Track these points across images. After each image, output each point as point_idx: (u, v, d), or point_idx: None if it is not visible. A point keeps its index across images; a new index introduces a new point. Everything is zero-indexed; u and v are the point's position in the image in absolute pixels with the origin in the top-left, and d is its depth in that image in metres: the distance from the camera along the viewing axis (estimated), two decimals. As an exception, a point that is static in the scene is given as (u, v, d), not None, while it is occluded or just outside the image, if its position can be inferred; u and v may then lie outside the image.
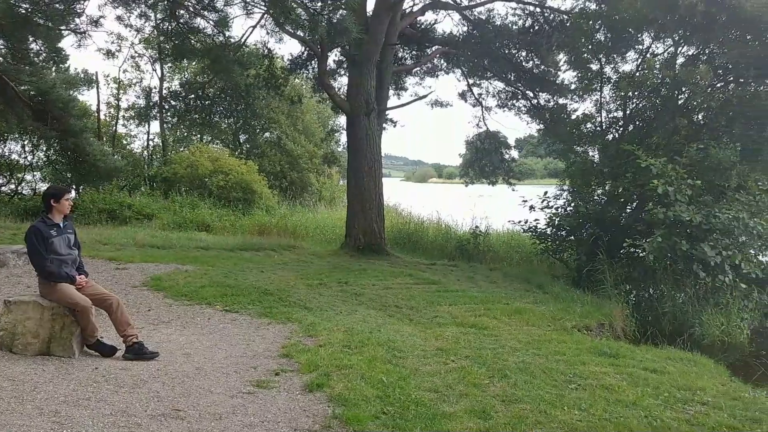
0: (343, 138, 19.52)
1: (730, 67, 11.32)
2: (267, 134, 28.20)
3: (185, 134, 27.66)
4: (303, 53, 16.55)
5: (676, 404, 5.13)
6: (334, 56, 16.96)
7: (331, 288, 9.74)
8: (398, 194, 26.16)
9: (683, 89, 11.25)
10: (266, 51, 15.47)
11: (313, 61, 16.20)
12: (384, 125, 16.54)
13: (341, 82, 17.14)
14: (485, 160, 19.15)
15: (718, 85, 11.75)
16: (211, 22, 12.66)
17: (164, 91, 22.28)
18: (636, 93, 12.09)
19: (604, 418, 4.66)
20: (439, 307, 8.82)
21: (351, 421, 4.31)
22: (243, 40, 14.80)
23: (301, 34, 12.89)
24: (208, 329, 6.87)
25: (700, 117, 11.81)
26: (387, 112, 16.39)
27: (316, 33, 11.78)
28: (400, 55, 17.32)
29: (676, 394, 5.39)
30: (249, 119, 22.70)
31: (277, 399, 4.73)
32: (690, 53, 12.13)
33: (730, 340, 9.68)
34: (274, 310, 7.74)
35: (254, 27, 14.68)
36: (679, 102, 11.38)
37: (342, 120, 17.91)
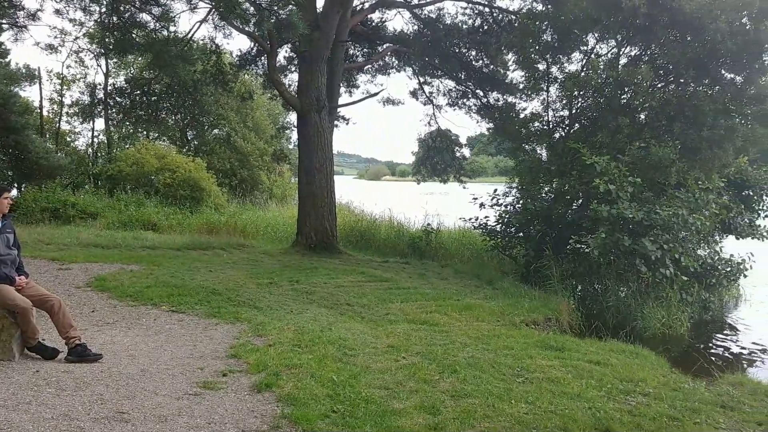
0: (295, 135, 19.32)
1: (671, 67, 11.68)
2: (216, 131, 27.71)
3: (131, 131, 26.92)
4: (252, 49, 16.33)
5: (618, 396, 5.28)
6: (284, 52, 16.82)
7: (282, 287, 9.65)
8: (351, 192, 26.12)
9: (626, 89, 11.56)
10: (214, 46, 15.18)
11: (262, 57, 16.00)
12: (336, 123, 16.47)
13: (292, 79, 16.99)
14: (437, 158, 19.31)
15: (659, 85, 12.13)
16: (153, 16, 12.31)
17: (109, 87, 21.60)
18: (581, 92, 12.38)
19: (550, 411, 4.76)
20: (391, 304, 8.86)
21: (300, 420, 4.28)
22: (190, 35, 14.50)
23: (250, 30, 12.69)
24: (153, 330, 6.72)
25: (642, 116, 12.15)
26: (338, 110, 16.33)
27: (263, 28, 11.62)
28: (351, 52, 17.28)
29: (619, 385, 5.55)
30: (197, 116, 22.22)
31: (224, 400, 4.65)
32: (632, 54, 12.48)
33: (670, 332, 10.03)
34: (222, 310, 7.62)
35: (202, 22, 14.41)
36: (622, 101, 11.69)
37: (293, 117, 17.70)
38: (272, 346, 6.10)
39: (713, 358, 8.66)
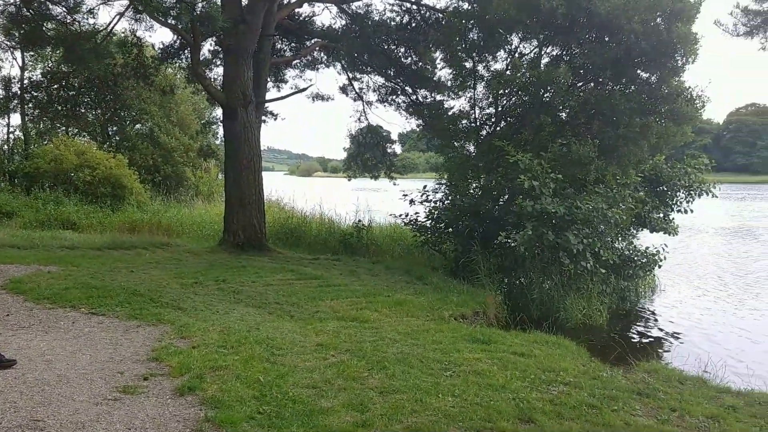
0: (221, 131, 18.86)
1: (590, 67, 12.12)
2: (138, 126, 26.68)
3: (49, 127, 25.54)
4: (175, 42, 15.82)
5: (541, 385, 5.44)
6: (209, 45, 16.36)
7: (208, 287, 9.42)
8: (281, 188, 25.79)
9: (548, 88, 11.92)
10: (135, 39, 14.60)
11: (186, 50, 15.52)
12: (264, 118, 16.19)
13: (218, 73, 16.57)
14: (368, 154, 19.32)
15: (579, 84, 12.57)
16: (65, 8, 11.69)
17: (25, 81, 20.41)
18: (506, 91, 12.67)
19: (476, 403, 4.85)
20: (321, 302, 8.81)
21: (224, 423, 4.19)
22: (110, 27, 13.88)
23: (171, 22, 12.28)
24: (72, 334, 6.44)
25: (563, 115, 12.56)
26: (266, 105, 16.06)
27: (183, 21, 11.26)
28: (278, 46, 17.04)
29: (542, 375, 5.72)
30: (118, 110, 21.34)
31: (145, 405, 4.50)
32: (554, 54, 12.88)
33: (590, 322, 10.44)
34: (144, 312, 7.37)
35: (122, 14, 13.79)
36: (545, 100, 12.05)
37: (220, 112, 17.28)
38: (196, 347, 5.96)
39: (630, 347, 9.06)
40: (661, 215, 13.36)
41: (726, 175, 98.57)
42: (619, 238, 12.39)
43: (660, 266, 12.96)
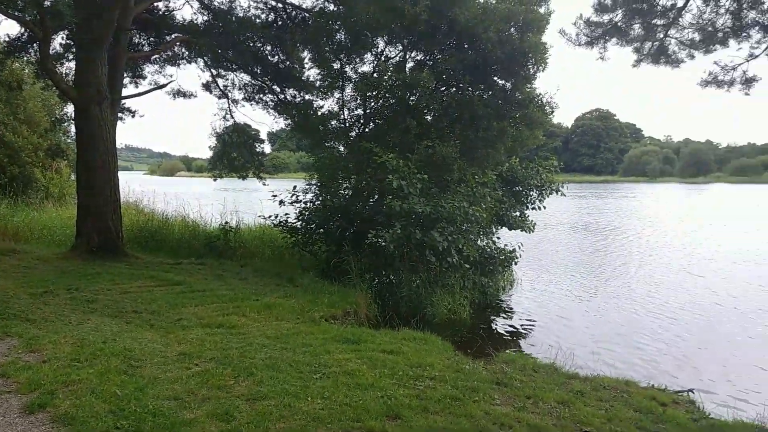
0: (74, 129, 17.46)
1: (452, 72, 12.64)
2: (-20, 123, 24.01)
3: None
4: (23, 34, 14.43)
5: (408, 381, 5.58)
6: (60, 39, 15.10)
7: (59, 296, 8.70)
8: (141, 189, 24.38)
9: (414, 91, 12.27)
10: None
11: (35, 44, 14.20)
12: (120, 115, 15.22)
13: (70, 67, 15.32)
14: (235, 153, 18.72)
15: (443, 88, 13.07)
16: None
17: None
18: (374, 93, 12.86)
19: (345, 404, 4.88)
20: (184, 309, 8.45)
21: (76, 443, 3.89)
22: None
23: (17, 14, 11.18)
24: None
25: (428, 118, 13.00)
26: (123, 102, 15.09)
27: (30, 13, 10.29)
28: (136, 41, 16.07)
29: (409, 372, 5.87)
30: (-43, 107, 19.07)
31: (-17, 430, 4.06)
32: (418, 58, 13.28)
33: (455, 317, 10.90)
34: (-15, 326, 6.65)
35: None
36: (411, 103, 12.39)
37: (71, 109, 16.00)
38: (47, 362, 5.54)
39: (491, 339, 9.57)
40: (518, 213, 14.27)
41: (574, 175, 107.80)
42: (482, 236, 13.04)
43: (516, 263, 13.82)
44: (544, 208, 14.69)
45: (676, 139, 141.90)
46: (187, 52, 16.61)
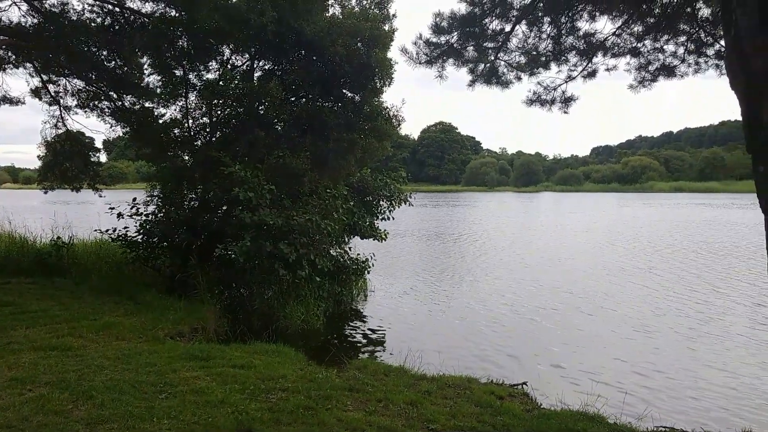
0: None
1: (301, 83, 12.67)
2: None
3: None
4: None
5: (260, 395, 5.50)
6: None
7: None
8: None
9: (262, 101, 12.13)
10: None
11: None
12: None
13: None
14: (67, 163, 17.24)
15: (292, 99, 13.05)
16: None
17: None
18: (220, 102, 12.54)
19: (193, 422, 4.70)
20: (14, 331, 7.70)
21: None
22: None
23: None
24: None
25: (278, 128, 12.90)
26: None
27: None
28: (-53, 38, 14.29)
29: (261, 385, 5.79)
30: None
31: None
32: (266, 68, 13.15)
33: (309, 327, 10.91)
34: None
35: None
36: (260, 113, 12.23)
37: None
38: None
39: (344, 346, 9.70)
40: (368, 223, 14.60)
41: (421, 185, 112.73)
42: (335, 245, 13.16)
43: (369, 272, 14.13)
44: (393, 219, 15.16)
45: (511, 151, 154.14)
46: (14, 56, 15.06)
